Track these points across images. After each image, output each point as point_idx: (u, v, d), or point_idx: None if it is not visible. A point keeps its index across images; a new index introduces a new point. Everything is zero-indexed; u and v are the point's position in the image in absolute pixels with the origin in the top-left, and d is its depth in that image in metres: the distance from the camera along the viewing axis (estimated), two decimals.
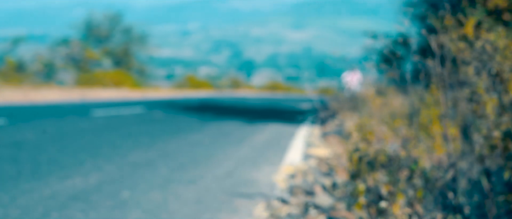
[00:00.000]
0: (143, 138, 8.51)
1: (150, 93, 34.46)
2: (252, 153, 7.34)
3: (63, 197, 4.16)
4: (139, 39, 51.91)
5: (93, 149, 6.86)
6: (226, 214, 3.93)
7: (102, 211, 3.84)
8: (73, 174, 5.08)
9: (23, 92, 23.39)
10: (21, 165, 5.44)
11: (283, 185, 5.13)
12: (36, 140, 7.48)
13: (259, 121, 13.11)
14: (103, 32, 50.26)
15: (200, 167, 5.91)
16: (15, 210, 3.72)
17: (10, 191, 4.25)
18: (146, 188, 4.67)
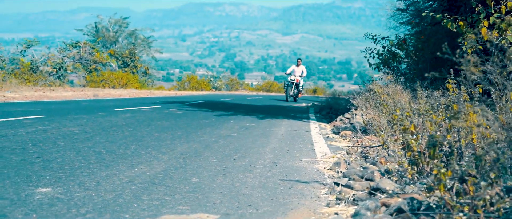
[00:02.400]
0: (176, 131, 8.52)
1: (156, 92, 34.40)
2: (282, 145, 7.37)
3: (141, 182, 4.20)
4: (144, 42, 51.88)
5: (139, 141, 6.88)
6: (296, 198, 3.98)
7: (184, 194, 3.88)
8: (137, 163, 5.11)
9: (40, 91, 23.34)
10: (84, 155, 5.47)
11: (330, 172, 5.18)
12: (83, 133, 7.49)
13: (269, 117, 13.13)
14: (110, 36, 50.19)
15: (244, 157, 5.95)
16: (107, 193, 3.76)
17: (91, 177, 4.29)
18: (210, 175, 4.71)
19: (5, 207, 3.22)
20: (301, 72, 27.77)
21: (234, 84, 53.70)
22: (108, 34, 51.02)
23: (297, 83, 27.49)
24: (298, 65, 27.92)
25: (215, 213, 3.38)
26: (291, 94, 27.35)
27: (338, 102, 19.27)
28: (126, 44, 51.61)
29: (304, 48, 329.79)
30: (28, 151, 5.48)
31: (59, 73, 34.93)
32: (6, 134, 6.87)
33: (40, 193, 3.61)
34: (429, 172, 3.82)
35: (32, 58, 35.03)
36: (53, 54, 35.87)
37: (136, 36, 52.73)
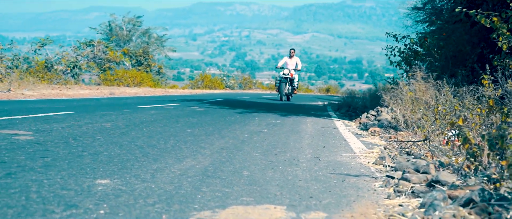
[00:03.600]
0: (206, 127, 8.52)
1: (171, 91, 34.45)
2: (316, 141, 7.36)
3: (194, 175, 4.19)
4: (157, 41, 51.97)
5: (175, 136, 6.88)
6: (353, 191, 3.96)
7: (242, 186, 3.87)
8: (183, 157, 5.11)
9: (57, 89, 23.41)
10: (128, 149, 5.47)
11: (376, 167, 5.16)
12: (117, 128, 7.49)
13: (291, 115, 13.11)
14: (123, 35, 50.30)
15: (285, 152, 5.94)
16: (165, 185, 3.75)
17: (143, 170, 4.28)
18: (258, 169, 4.70)
19: (73, 197, 3.22)
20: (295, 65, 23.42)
21: (247, 83, 53.69)
22: (121, 33, 51.14)
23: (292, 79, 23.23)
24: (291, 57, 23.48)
25: (280, 204, 3.37)
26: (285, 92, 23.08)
27: (354, 100, 19.24)
28: (140, 43, 51.72)
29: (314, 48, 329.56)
30: (71, 145, 5.48)
31: (73, 72, 35.02)
32: (44, 128, 6.88)
33: (100, 185, 3.61)
34: (488, 164, 3.79)
35: (46, 56, 35.14)
36: (67, 52, 35.97)
37: (149, 35, 52.83)
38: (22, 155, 4.65)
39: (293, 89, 23.58)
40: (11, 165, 4.13)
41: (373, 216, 3.19)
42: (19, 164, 4.20)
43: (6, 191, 3.26)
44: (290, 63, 23.34)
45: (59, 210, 2.90)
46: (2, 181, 3.53)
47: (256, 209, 3.20)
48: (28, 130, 6.62)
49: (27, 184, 3.49)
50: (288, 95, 23.59)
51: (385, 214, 3.25)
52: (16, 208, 2.89)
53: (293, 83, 23.43)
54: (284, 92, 23.01)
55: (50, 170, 4.02)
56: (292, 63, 23.36)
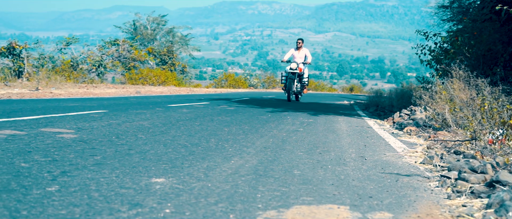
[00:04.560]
0: (242, 125, 8.48)
1: (196, 90, 34.52)
2: (356, 140, 7.29)
3: (247, 174, 4.15)
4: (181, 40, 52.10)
5: (214, 135, 6.85)
6: (410, 190, 3.90)
7: (297, 186, 3.82)
8: (229, 156, 5.08)
9: (83, 88, 23.54)
10: (172, 147, 5.44)
11: (425, 166, 5.09)
12: (156, 127, 7.48)
13: (321, 113, 13.04)
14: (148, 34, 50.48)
15: (328, 151, 5.88)
16: (222, 184, 3.72)
17: (194, 168, 4.25)
18: (308, 168, 4.65)
19: (134, 196, 3.19)
20: (303, 57, 20.18)
21: (270, 82, 53.65)
22: (146, 32, 51.33)
23: (301, 74, 20.00)
24: (299, 49, 20.24)
25: (342, 204, 3.31)
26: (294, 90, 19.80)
27: (381, 100, 19.14)
28: (164, 42, 51.88)
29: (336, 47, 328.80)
30: (116, 143, 5.47)
31: (98, 71, 35.19)
32: (84, 127, 6.88)
33: (157, 183, 3.58)
34: None
35: (71, 55, 35.35)
36: (92, 51, 36.16)
37: (173, 34, 52.97)
38: (70, 153, 4.64)
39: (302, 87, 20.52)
40: (63, 163, 4.11)
41: (440, 217, 3.12)
42: (71, 162, 4.18)
43: (67, 190, 3.24)
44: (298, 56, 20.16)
45: (125, 209, 2.87)
46: (60, 180, 3.51)
47: (320, 208, 3.15)
48: (69, 128, 6.63)
49: (85, 183, 3.47)
50: (297, 94, 20.53)
51: (451, 214, 3.18)
52: (81, 206, 2.86)
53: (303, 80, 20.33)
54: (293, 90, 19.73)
55: (103, 168, 4.00)
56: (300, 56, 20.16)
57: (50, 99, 14.66)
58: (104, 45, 36.86)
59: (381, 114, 14.93)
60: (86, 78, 32.87)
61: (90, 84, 28.84)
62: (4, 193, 3.05)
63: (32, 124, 6.90)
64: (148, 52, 44.10)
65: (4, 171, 3.66)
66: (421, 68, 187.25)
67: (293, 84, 19.57)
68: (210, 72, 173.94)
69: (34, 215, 2.65)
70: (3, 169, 3.73)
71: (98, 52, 36.04)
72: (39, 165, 3.96)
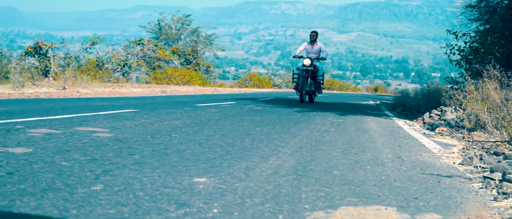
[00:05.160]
0: (273, 125, 8.45)
1: (220, 89, 34.57)
2: (389, 141, 7.23)
3: (287, 174, 4.12)
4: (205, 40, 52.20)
5: (248, 135, 6.83)
6: (454, 192, 3.85)
7: (340, 186, 3.79)
8: (266, 156, 5.05)
9: (109, 87, 23.67)
10: (208, 147, 5.43)
11: (465, 167, 5.03)
12: (188, 126, 7.48)
13: (349, 114, 12.98)
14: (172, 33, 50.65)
15: (364, 152, 5.84)
16: (264, 184, 3.69)
17: (234, 168, 4.23)
18: (347, 168, 4.61)
19: (179, 195, 3.18)
20: (318, 52, 17.83)
21: None
22: (171, 31, 51.49)
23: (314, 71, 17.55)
24: (313, 43, 17.84)
25: (388, 205, 3.27)
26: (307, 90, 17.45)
27: (407, 100, 19.02)
28: (189, 42, 52.01)
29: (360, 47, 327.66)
30: (152, 142, 5.47)
31: (123, 70, 35.36)
32: (117, 126, 6.90)
33: (199, 183, 3.56)
34: None
35: (97, 55, 35.56)
36: (117, 51, 36.35)
37: (198, 34, 53.08)
38: (109, 152, 4.64)
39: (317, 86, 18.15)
40: (104, 162, 4.11)
41: None
42: (111, 161, 4.18)
43: (111, 189, 3.23)
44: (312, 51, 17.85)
45: (172, 209, 2.86)
46: (103, 179, 3.51)
47: (367, 210, 3.12)
48: (103, 127, 6.65)
49: (128, 182, 3.46)
50: (311, 95, 18.21)
51: (502, 217, 3.13)
52: (129, 206, 2.85)
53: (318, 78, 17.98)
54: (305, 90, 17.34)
55: (143, 167, 3.99)
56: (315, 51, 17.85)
57: (78, 98, 14.75)
58: (129, 45, 37.01)
59: (408, 114, 14.82)
60: (111, 78, 33.04)
61: (115, 83, 29.00)
62: (50, 191, 3.05)
63: (66, 122, 6.93)
64: (173, 52, 44.24)
65: (47, 170, 3.67)
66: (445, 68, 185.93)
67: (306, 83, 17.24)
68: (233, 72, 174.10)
69: (84, 215, 2.65)
70: (45, 168, 3.73)
71: (123, 51, 36.21)
72: (80, 164, 3.96)
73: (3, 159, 3.99)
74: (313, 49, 17.72)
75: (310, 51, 17.73)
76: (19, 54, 30.70)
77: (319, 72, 17.89)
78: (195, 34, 53.01)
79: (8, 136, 5.30)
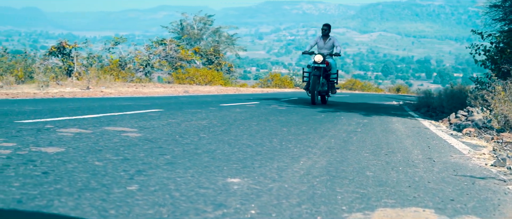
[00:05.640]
0: (300, 126, 8.42)
1: (243, 89, 34.57)
2: (417, 142, 7.18)
3: (320, 175, 4.10)
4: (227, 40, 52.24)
5: (276, 135, 6.81)
6: (490, 194, 3.81)
7: (374, 187, 3.76)
8: (296, 156, 5.04)
9: (132, 87, 23.77)
10: (237, 147, 5.43)
11: (498, 169, 4.97)
12: (215, 126, 7.48)
13: (373, 114, 12.91)
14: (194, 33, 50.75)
15: (394, 153, 5.81)
16: (298, 184, 3.68)
17: (266, 168, 4.22)
18: (379, 169, 4.59)
19: (215, 196, 3.16)
20: (331, 48, 16.05)
21: None
22: (193, 31, 51.58)
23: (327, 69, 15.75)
24: (326, 37, 16.07)
25: (426, 207, 3.24)
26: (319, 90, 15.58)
27: (430, 100, 18.90)
28: (210, 42, 52.07)
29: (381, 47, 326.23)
30: (181, 142, 5.47)
31: (145, 70, 35.48)
32: (145, 126, 6.92)
33: (233, 183, 3.55)
34: None
35: (119, 55, 35.71)
36: (139, 51, 36.48)
37: (220, 34, 53.11)
38: (140, 152, 4.65)
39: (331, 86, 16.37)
40: (136, 162, 4.12)
41: None
42: (143, 161, 4.19)
43: (147, 189, 3.23)
44: (324, 46, 16.07)
45: (210, 209, 2.85)
46: (138, 179, 3.51)
47: (405, 212, 3.09)
48: (131, 127, 6.67)
49: (163, 182, 3.46)
50: (323, 96, 16.34)
51: None
52: (167, 206, 2.85)
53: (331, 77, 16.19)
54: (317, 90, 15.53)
55: (176, 167, 3.99)
56: (327, 46, 16.06)
57: (102, 98, 14.82)
58: (152, 45, 37.13)
59: (433, 115, 14.73)
60: (134, 78, 33.18)
61: (138, 83, 29.12)
62: (87, 191, 3.06)
63: (95, 122, 6.96)
64: (195, 51, 44.32)
65: (81, 169, 3.68)
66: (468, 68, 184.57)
67: (318, 82, 15.40)
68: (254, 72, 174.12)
69: (122, 215, 2.64)
70: (79, 168, 3.74)
71: (146, 51, 36.33)
72: (113, 164, 3.97)
73: (37, 158, 4.00)
74: (326, 44, 15.99)
75: (322, 46, 16.02)
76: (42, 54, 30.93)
77: (333, 70, 16.13)
78: (217, 34, 53.04)
79: (39, 135, 5.32)
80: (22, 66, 24.54)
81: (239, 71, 61.84)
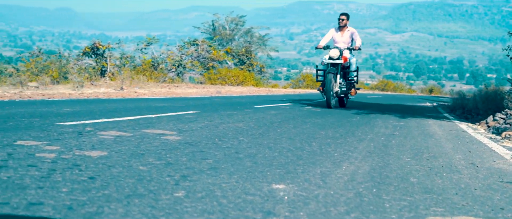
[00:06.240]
0: (337, 128, 8.38)
1: (274, 90, 34.57)
2: (457, 146, 7.10)
3: (364, 181, 4.06)
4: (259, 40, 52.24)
5: (314, 138, 6.78)
6: None
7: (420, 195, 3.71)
8: (338, 161, 5.00)
9: (165, 88, 23.88)
10: (278, 151, 5.41)
11: None
12: (252, 129, 7.47)
13: (409, 116, 12.80)
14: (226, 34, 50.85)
15: (435, 157, 5.75)
16: (344, 191, 3.64)
17: (309, 174, 4.19)
18: (422, 175, 4.53)
19: (262, 203, 3.14)
20: (349, 41, 14.05)
21: None
22: (224, 32, 51.67)
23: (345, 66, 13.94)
24: (343, 29, 14.07)
25: (476, 216, 3.19)
26: (336, 90, 13.65)
27: (464, 102, 18.71)
28: (242, 42, 52.11)
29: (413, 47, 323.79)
30: (221, 146, 5.46)
31: (178, 71, 35.61)
32: (184, 128, 6.93)
33: (279, 190, 3.53)
34: None
35: (152, 55, 35.88)
36: (171, 51, 36.63)
37: (251, 34, 53.12)
38: (182, 156, 4.65)
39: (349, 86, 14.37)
40: (179, 167, 4.11)
41: None
42: (186, 165, 4.18)
43: (194, 195, 3.22)
44: (341, 40, 14.05)
45: (259, 217, 2.82)
46: (183, 184, 3.50)
47: None
48: (170, 129, 6.68)
49: (209, 188, 3.44)
50: (342, 98, 14.53)
51: None
52: (216, 214, 2.83)
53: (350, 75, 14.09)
54: (334, 91, 13.61)
55: (219, 172, 3.97)
56: (345, 40, 14.05)
57: (137, 99, 14.91)
58: (184, 45, 37.27)
59: (468, 117, 14.58)
60: (166, 78, 33.32)
61: (171, 84, 29.24)
62: (135, 197, 3.05)
63: (133, 125, 6.99)
64: (227, 52, 44.40)
65: (126, 174, 3.68)
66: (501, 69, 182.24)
67: (334, 81, 13.54)
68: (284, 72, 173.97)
69: None
70: (124, 172, 3.75)
71: (178, 52, 36.47)
72: (157, 169, 3.97)
73: (81, 162, 4.02)
74: (343, 37, 14.06)
75: (339, 40, 14.07)
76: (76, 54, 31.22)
77: (352, 67, 14.10)
78: (248, 35, 53.05)
79: (81, 138, 5.36)
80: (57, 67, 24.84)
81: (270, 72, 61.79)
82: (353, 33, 14.09)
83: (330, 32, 14.30)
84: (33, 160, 4.01)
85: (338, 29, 14.16)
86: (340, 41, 14.03)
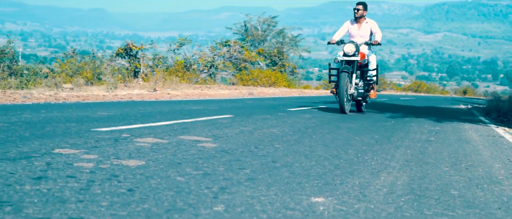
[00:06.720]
0: (372, 134, 8.32)
1: (307, 91, 34.54)
2: (495, 153, 6.99)
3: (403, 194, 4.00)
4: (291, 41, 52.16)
5: (350, 145, 6.72)
6: None
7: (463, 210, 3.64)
8: (375, 171, 4.95)
9: (198, 89, 23.95)
10: (314, 160, 5.37)
11: None
12: (287, 135, 7.44)
13: (444, 120, 12.66)
14: (258, 35, 50.86)
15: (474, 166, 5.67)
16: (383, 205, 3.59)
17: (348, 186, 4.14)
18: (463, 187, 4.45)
19: None
20: (367, 35, 12.43)
21: (381, 84, 52.86)
22: (256, 33, 51.69)
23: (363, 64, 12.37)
24: (360, 21, 12.42)
25: None
26: (351, 92, 12.13)
27: (499, 104, 18.46)
28: (274, 43, 52.08)
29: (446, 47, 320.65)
30: (257, 154, 5.43)
31: (210, 71, 35.67)
32: (218, 134, 6.91)
33: (318, 203, 3.48)
34: None
35: (184, 56, 35.99)
36: (204, 52, 36.71)
37: (284, 35, 53.06)
38: (219, 165, 4.62)
39: (368, 87, 12.84)
40: (217, 177, 4.09)
41: None
42: (223, 176, 4.15)
43: (234, 210, 3.19)
44: (358, 34, 12.42)
45: None
46: (222, 198, 3.47)
47: None
48: (205, 136, 6.67)
49: (248, 201, 3.41)
50: (359, 101, 13.11)
51: None
52: None
53: (367, 75, 12.53)
54: (348, 93, 12.15)
55: (257, 184, 3.94)
56: (362, 34, 12.41)
57: (170, 101, 14.97)
58: (216, 46, 37.34)
59: (504, 120, 14.38)
60: (198, 79, 33.40)
61: (203, 85, 29.32)
62: (175, 212, 3.03)
63: (169, 130, 6.99)
64: (259, 53, 44.40)
65: (164, 186, 3.67)
66: None
67: (349, 82, 11.96)
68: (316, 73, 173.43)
69: None
70: (163, 184, 3.73)
71: (210, 53, 36.55)
72: (195, 180, 3.95)
73: (119, 173, 4.01)
74: (360, 30, 12.43)
75: (355, 33, 12.45)
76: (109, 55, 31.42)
77: (370, 65, 12.51)
78: (280, 35, 53.00)
79: (118, 146, 5.36)
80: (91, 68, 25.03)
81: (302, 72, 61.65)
82: (372, 26, 12.37)
83: (345, 25, 12.60)
84: (72, 170, 4.02)
85: (354, 21, 12.48)
86: (357, 35, 12.39)
